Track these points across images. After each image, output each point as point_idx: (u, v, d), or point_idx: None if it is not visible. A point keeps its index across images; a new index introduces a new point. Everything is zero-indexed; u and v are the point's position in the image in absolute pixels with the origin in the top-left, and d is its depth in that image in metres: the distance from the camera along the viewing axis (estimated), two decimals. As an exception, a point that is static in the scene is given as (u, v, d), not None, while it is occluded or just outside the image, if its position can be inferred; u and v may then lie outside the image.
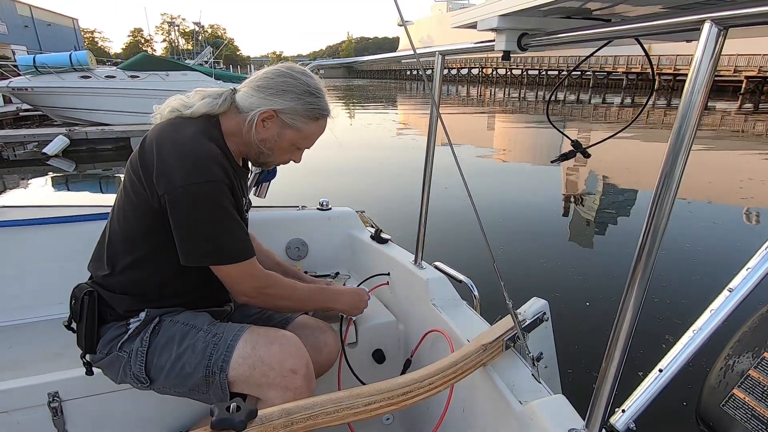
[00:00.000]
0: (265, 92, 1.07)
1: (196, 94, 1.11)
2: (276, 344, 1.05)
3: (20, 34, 33.84)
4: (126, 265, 1.07)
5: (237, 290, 1.08)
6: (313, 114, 1.10)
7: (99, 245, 1.15)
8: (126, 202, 1.05)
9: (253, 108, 1.07)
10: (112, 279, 1.08)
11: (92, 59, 11.95)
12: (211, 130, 1.06)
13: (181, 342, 1.05)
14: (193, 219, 0.98)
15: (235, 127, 1.09)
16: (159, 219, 1.00)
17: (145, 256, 1.06)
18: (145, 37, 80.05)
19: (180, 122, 1.06)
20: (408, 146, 10.56)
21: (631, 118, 16.79)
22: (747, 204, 6.11)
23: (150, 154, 1.00)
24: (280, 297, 1.15)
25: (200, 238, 1.00)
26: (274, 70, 1.10)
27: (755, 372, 0.66)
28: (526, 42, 0.87)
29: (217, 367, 1.02)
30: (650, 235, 0.62)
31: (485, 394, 1.05)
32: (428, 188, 1.37)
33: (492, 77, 51.39)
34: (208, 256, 1.02)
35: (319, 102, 1.11)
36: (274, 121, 1.08)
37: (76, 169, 8.65)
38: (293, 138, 1.12)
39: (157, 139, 1.02)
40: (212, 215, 0.99)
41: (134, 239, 1.06)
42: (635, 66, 35.59)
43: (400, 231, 3.59)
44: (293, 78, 1.08)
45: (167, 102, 1.12)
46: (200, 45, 26.40)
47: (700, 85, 0.56)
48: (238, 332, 1.06)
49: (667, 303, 3.33)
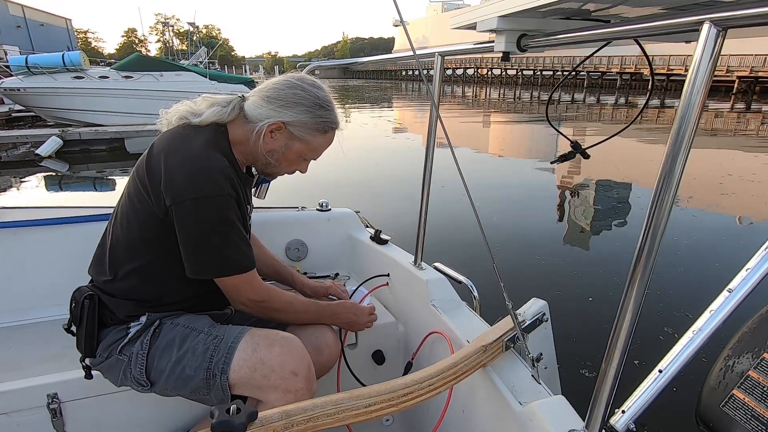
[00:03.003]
0: (275, 103, 1.07)
1: (204, 101, 1.11)
2: (277, 346, 1.05)
3: (12, 34, 33.52)
4: (128, 271, 1.06)
5: (236, 300, 1.09)
6: (322, 127, 1.11)
7: (100, 248, 1.14)
8: (130, 209, 1.05)
9: (262, 119, 1.07)
10: (114, 284, 1.08)
11: (85, 59, 11.85)
12: (220, 140, 1.07)
13: (181, 345, 1.05)
14: (199, 232, 0.99)
15: (242, 136, 1.09)
16: (163, 228, 1.01)
17: (148, 264, 1.06)
18: (139, 37, 79.74)
19: (189, 131, 1.06)
20: (404, 146, 10.55)
21: (625, 117, 16.90)
22: (727, 199, 6.22)
23: (158, 164, 1.00)
24: (277, 310, 1.16)
25: (205, 252, 1.01)
26: (285, 81, 1.10)
27: (755, 372, 0.67)
28: (525, 43, 0.87)
29: (218, 369, 1.02)
30: (650, 235, 0.62)
31: (485, 395, 1.05)
32: (428, 189, 1.37)
33: (487, 77, 51.55)
34: (211, 268, 1.03)
35: (329, 115, 1.11)
36: (282, 132, 1.09)
37: (70, 170, 8.59)
38: (301, 150, 1.12)
39: (166, 149, 1.03)
40: (218, 229, 1.00)
41: (137, 247, 1.05)
42: (629, 66, 35.85)
43: (396, 231, 3.60)
44: (304, 90, 1.09)
45: (174, 108, 1.11)
46: (195, 45, 26.25)
47: (699, 86, 0.56)
48: (238, 334, 1.06)
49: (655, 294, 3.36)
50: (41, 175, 8.10)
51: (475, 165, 8.45)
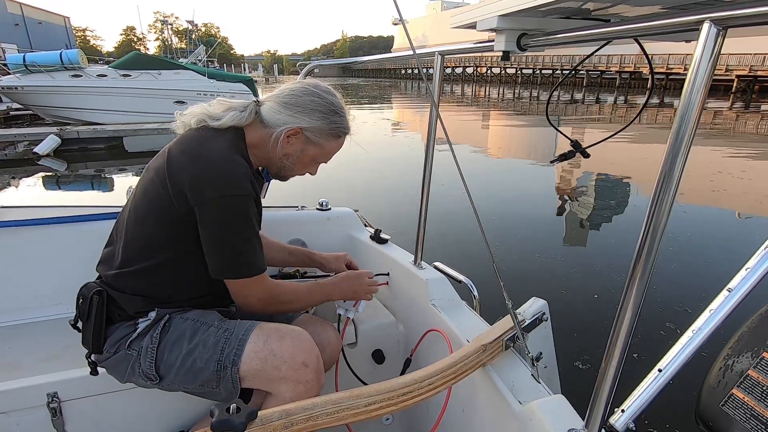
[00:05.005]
0: (293, 109, 1.11)
1: (220, 105, 1.14)
2: (287, 338, 1.07)
3: (10, 32, 33.42)
4: (141, 268, 1.07)
5: (244, 302, 1.10)
6: (336, 132, 1.16)
7: (110, 245, 1.15)
8: (146, 208, 1.06)
9: (280, 124, 1.10)
10: (125, 281, 1.08)
11: (83, 58, 11.80)
12: (239, 143, 1.10)
13: (192, 338, 1.07)
14: (222, 232, 1.01)
15: (258, 140, 1.12)
16: (181, 229, 1.02)
17: (162, 263, 1.07)
18: (137, 35, 79.52)
19: (210, 134, 1.08)
20: (403, 144, 10.55)
21: (624, 116, 16.90)
22: (718, 195, 6.28)
23: (181, 165, 1.02)
24: (286, 302, 1.17)
25: (226, 251, 1.03)
26: (302, 88, 1.14)
27: (754, 372, 0.67)
28: (525, 42, 0.87)
29: (229, 361, 1.03)
30: (649, 235, 0.62)
31: (485, 394, 1.05)
32: (428, 188, 1.37)
33: (486, 76, 51.54)
34: (230, 269, 1.05)
35: (342, 121, 1.16)
36: (299, 137, 1.13)
37: (68, 169, 8.58)
38: (315, 154, 1.17)
39: (189, 150, 1.04)
40: (240, 229, 1.02)
41: (152, 245, 1.06)
42: (628, 65, 35.88)
43: (396, 231, 3.60)
44: (320, 97, 1.13)
45: (190, 111, 1.13)
46: (194, 44, 26.18)
47: (699, 85, 0.56)
48: (249, 327, 1.08)
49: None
50: (40, 174, 8.09)
51: (474, 164, 8.46)
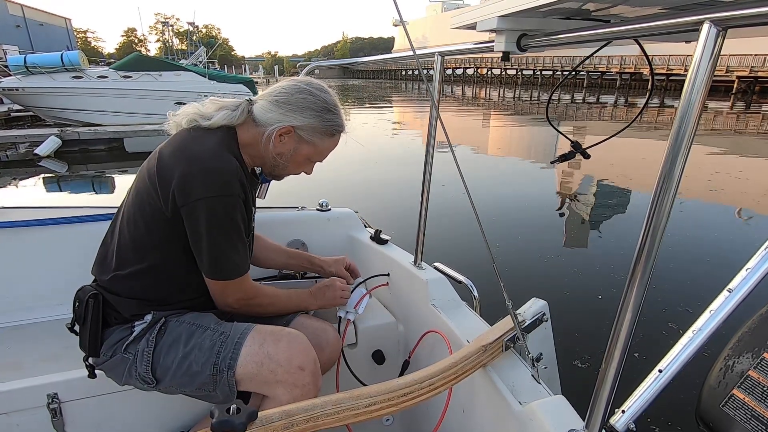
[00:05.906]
0: (285, 108, 1.09)
1: (212, 104, 1.13)
2: (284, 341, 1.06)
3: (12, 34, 33.45)
4: (135, 271, 1.07)
5: (222, 302, 1.10)
6: (330, 130, 1.14)
7: (104, 248, 1.14)
8: (138, 209, 1.05)
9: (272, 123, 1.09)
10: (120, 284, 1.08)
11: (84, 59, 11.82)
12: (230, 143, 1.08)
13: (188, 341, 1.06)
14: (206, 232, 1.00)
15: (251, 139, 1.11)
16: (171, 230, 1.02)
17: (155, 265, 1.07)
18: (138, 37, 79.64)
19: (200, 133, 1.07)
20: (403, 145, 10.55)
21: (625, 117, 16.90)
22: (715, 195, 6.30)
23: (169, 165, 1.01)
24: (264, 304, 1.18)
25: (209, 252, 1.02)
26: (294, 86, 1.11)
27: (755, 372, 0.67)
28: (525, 43, 0.87)
29: (225, 364, 1.03)
30: (650, 235, 0.62)
31: (485, 394, 1.05)
32: (428, 188, 1.37)
33: (487, 77, 51.55)
34: (210, 270, 1.05)
35: (336, 119, 1.14)
36: (291, 136, 1.11)
37: (69, 170, 8.58)
38: (308, 153, 1.15)
39: (178, 150, 1.03)
40: (224, 230, 1.01)
41: (145, 248, 1.06)
42: (629, 66, 35.87)
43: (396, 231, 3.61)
44: (312, 95, 1.11)
45: (182, 110, 1.12)
46: (194, 45, 26.21)
47: (699, 86, 0.56)
48: (245, 330, 1.08)
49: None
50: (40, 175, 8.09)
51: (475, 164, 8.45)
